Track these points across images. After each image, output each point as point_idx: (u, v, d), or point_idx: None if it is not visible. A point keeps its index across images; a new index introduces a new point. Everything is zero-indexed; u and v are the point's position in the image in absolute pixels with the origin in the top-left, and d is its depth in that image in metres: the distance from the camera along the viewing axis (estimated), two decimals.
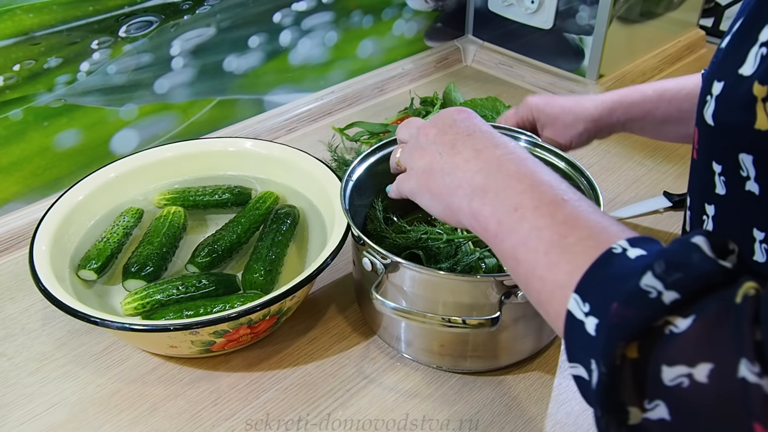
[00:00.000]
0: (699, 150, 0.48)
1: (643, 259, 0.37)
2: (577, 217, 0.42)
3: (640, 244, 0.38)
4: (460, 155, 0.50)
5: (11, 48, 0.76)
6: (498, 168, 0.48)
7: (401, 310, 0.60)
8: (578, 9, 1.10)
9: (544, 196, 0.45)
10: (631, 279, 0.36)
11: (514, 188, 0.46)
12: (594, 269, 0.39)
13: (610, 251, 0.39)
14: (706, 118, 0.45)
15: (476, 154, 0.50)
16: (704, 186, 0.47)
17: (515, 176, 0.47)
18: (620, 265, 0.38)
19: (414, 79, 1.23)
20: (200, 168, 0.87)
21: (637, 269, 0.36)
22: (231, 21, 0.95)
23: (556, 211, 0.43)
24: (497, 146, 0.50)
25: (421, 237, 0.70)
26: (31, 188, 0.85)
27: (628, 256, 0.38)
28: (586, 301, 0.38)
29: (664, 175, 0.97)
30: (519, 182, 0.46)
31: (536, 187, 0.45)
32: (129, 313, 0.69)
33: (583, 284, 0.39)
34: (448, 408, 0.65)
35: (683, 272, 0.34)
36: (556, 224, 0.43)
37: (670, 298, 0.34)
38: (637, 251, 0.38)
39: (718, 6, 1.45)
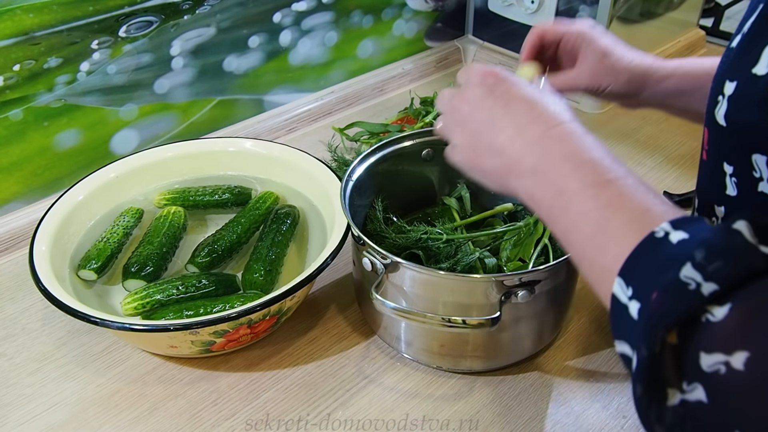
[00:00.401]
0: (709, 151, 0.47)
1: (685, 245, 0.37)
2: (622, 197, 0.42)
3: (683, 227, 0.38)
4: (502, 133, 0.49)
5: (11, 48, 0.76)
6: (543, 149, 0.47)
7: (401, 310, 0.60)
8: (578, 9, 1.10)
9: (587, 178, 0.44)
10: (671, 268, 0.36)
11: (558, 171, 0.46)
12: (636, 254, 0.39)
13: (653, 235, 0.39)
14: (718, 118, 0.44)
15: (518, 132, 0.49)
16: (714, 187, 0.47)
17: (559, 157, 0.46)
18: (662, 251, 0.38)
19: (414, 79, 1.23)
20: (200, 168, 0.87)
21: (678, 257, 0.36)
22: (231, 21, 0.95)
23: (600, 192, 0.43)
24: (537, 120, 0.49)
25: (420, 237, 0.70)
26: (31, 188, 0.85)
27: (670, 241, 0.38)
28: (630, 285, 0.39)
29: (664, 175, 0.97)
30: (563, 163, 0.46)
31: (579, 168, 0.45)
32: (129, 313, 0.69)
33: (626, 268, 0.39)
34: (448, 408, 0.65)
35: (723, 260, 0.35)
36: (601, 208, 0.43)
37: (709, 289, 0.34)
38: (680, 234, 0.38)
39: (718, 6, 1.45)
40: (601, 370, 0.68)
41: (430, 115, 0.98)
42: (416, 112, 1.02)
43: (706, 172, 0.48)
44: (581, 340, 0.72)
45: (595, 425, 0.63)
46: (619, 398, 0.65)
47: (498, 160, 0.50)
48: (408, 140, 0.76)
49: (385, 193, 0.75)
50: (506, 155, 0.49)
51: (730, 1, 1.48)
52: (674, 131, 1.08)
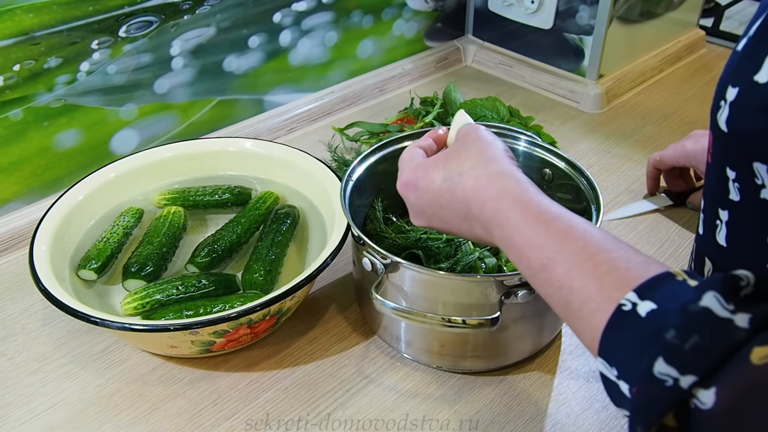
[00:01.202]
0: (713, 155, 0.47)
1: (655, 321, 0.36)
2: (571, 274, 0.42)
3: (650, 295, 0.38)
4: (452, 221, 0.54)
5: (11, 48, 0.76)
6: (495, 222, 0.50)
7: (401, 310, 0.60)
8: (578, 9, 1.10)
9: (533, 258, 0.45)
10: (645, 356, 0.35)
11: (510, 248, 0.48)
12: (609, 332, 0.39)
13: (620, 308, 0.38)
14: (720, 123, 0.43)
15: (463, 222, 0.53)
16: (718, 190, 0.46)
17: (515, 218, 0.48)
18: (633, 328, 0.37)
19: (414, 79, 1.23)
20: (200, 168, 0.87)
21: (650, 338, 0.36)
22: (231, 21, 0.95)
23: (550, 277, 0.44)
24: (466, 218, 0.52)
25: (420, 237, 0.70)
26: (31, 188, 0.85)
27: (638, 314, 0.37)
28: (613, 366, 0.38)
29: None
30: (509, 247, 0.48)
31: (523, 253, 0.47)
32: (129, 313, 0.69)
33: (603, 349, 0.39)
34: (448, 408, 0.65)
35: (696, 350, 0.34)
36: (556, 291, 0.43)
37: (688, 382, 0.34)
38: (648, 306, 0.37)
39: (718, 6, 1.45)
40: None
41: (430, 115, 0.98)
42: (416, 112, 1.02)
43: (711, 175, 0.48)
44: None
45: (595, 425, 0.63)
46: None
47: (458, 232, 0.54)
48: (408, 140, 0.76)
49: (385, 193, 0.75)
50: (465, 234, 0.54)
51: (730, 1, 1.48)
52: (674, 131, 1.08)
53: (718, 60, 1.30)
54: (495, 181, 0.50)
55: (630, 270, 0.40)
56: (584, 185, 0.68)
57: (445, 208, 0.53)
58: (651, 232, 0.86)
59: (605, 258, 0.42)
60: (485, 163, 0.52)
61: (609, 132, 1.07)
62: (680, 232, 0.86)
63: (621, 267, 0.41)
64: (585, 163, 0.97)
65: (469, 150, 0.53)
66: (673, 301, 0.36)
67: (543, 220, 0.46)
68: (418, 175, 0.55)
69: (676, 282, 0.38)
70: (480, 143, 0.54)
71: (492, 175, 0.50)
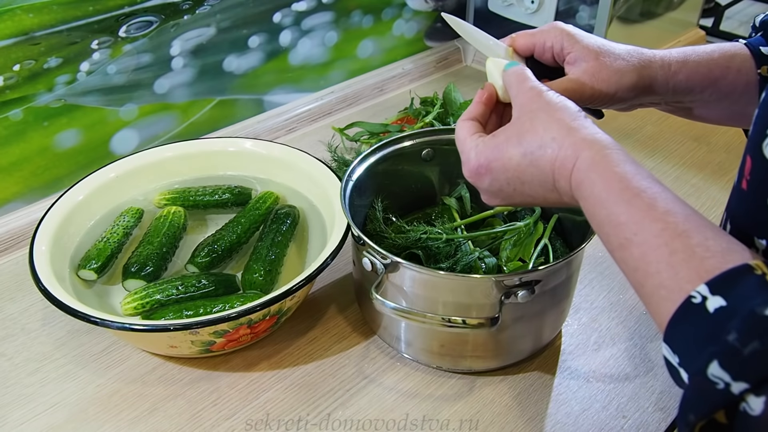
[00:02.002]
0: (751, 182, 0.44)
1: (721, 318, 0.36)
2: (647, 258, 0.41)
3: (721, 290, 0.37)
4: (533, 196, 0.52)
5: (11, 48, 0.76)
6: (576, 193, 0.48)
7: (401, 310, 0.60)
8: (578, 9, 1.10)
9: (612, 235, 0.44)
10: (702, 356, 0.35)
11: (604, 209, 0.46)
12: (675, 321, 0.38)
13: (690, 300, 0.38)
14: (766, 153, 0.41)
15: (545, 193, 0.51)
16: (754, 219, 0.44)
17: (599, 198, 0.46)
18: (699, 321, 0.37)
19: (414, 79, 1.23)
20: (200, 168, 0.87)
21: (712, 336, 0.36)
22: (231, 21, 0.95)
23: (626, 257, 0.43)
24: (553, 189, 0.50)
25: (420, 237, 0.70)
26: (31, 188, 0.85)
27: (707, 309, 0.37)
28: (675, 353, 0.39)
29: (664, 175, 0.97)
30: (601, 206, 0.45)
31: (603, 229, 0.45)
32: (128, 313, 0.69)
33: (669, 335, 0.39)
34: (448, 408, 0.65)
35: (754, 356, 0.33)
36: (631, 271, 0.43)
37: (739, 388, 0.34)
38: (717, 301, 0.37)
39: (718, 6, 1.45)
40: (601, 370, 0.68)
41: (430, 115, 0.98)
42: (416, 112, 1.02)
43: (745, 201, 0.46)
44: (581, 340, 0.72)
45: (595, 425, 0.63)
46: (619, 398, 0.65)
47: (531, 199, 0.52)
48: (408, 140, 0.76)
49: (385, 193, 0.75)
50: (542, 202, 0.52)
51: (730, 1, 1.48)
52: (674, 131, 1.08)
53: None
54: (579, 152, 0.47)
55: (706, 259, 0.38)
56: None
57: (527, 183, 0.51)
58: None
59: (683, 244, 0.40)
60: (567, 133, 0.48)
61: (609, 132, 1.06)
62: None
63: (698, 255, 0.39)
64: None
65: (544, 120, 0.49)
66: (744, 302, 0.35)
67: (625, 197, 0.43)
68: (490, 156, 0.52)
69: (752, 277, 0.36)
70: (552, 109, 0.50)
71: (577, 146, 0.47)
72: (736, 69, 0.58)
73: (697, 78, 0.59)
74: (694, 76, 0.59)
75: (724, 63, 0.59)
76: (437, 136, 0.76)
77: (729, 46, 0.60)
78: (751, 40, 0.60)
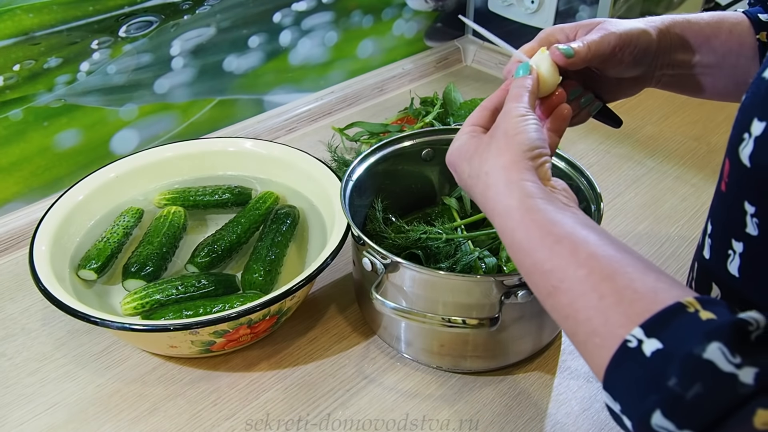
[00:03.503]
0: (729, 184, 0.44)
1: (659, 362, 0.35)
2: (575, 305, 0.40)
3: (656, 332, 0.36)
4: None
5: (11, 48, 0.76)
6: (523, 220, 0.46)
7: (401, 310, 0.60)
8: (578, 9, 1.10)
9: (540, 284, 0.43)
10: (644, 404, 0.34)
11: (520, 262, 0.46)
12: (612, 370, 0.37)
13: (625, 345, 0.37)
14: (742, 157, 0.40)
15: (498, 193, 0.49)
16: (732, 221, 0.43)
17: (537, 231, 0.45)
18: (636, 367, 0.36)
19: (414, 79, 1.23)
20: (200, 168, 0.87)
21: (652, 382, 0.35)
22: (231, 21, 0.95)
23: (555, 304, 0.42)
24: (491, 216, 0.49)
25: (420, 237, 0.70)
26: (31, 188, 0.85)
27: (644, 353, 0.36)
28: (616, 401, 0.38)
29: (664, 175, 0.97)
30: (542, 237, 0.44)
31: (531, 277, 0.44)
32: (128, 312, 0.69)
33: (608, 384, 0.38)
34: (448, 408, 0.65)
35: (697, 402, 0.33)
36: (562, 319, 0.42)
37: None
38: (653, 344, 0.36)
39: (718, 6, 1.45)
40: None
41: (430, 115, 0.98)
42: (416, 112, 1.02)
43: (724, 203, 0.45)
44: None
45: (595, 425, 0.63)
46: None
47: None
48: (408, 140, 0.76)
49: (385, 193, 0.75)
50: None
51: (730, 1, 1.48)
52: (674, 131, 1.08)
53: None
54: (505, 193, 0.47)
55: (636, 302, 0.38)
56: (584, 185, 0.68)
57: (477, 196, 0.51)
58: (650, 232, 0.86)
59: (610, 288, 0.39)
60: (500, 171, 0.48)
61: (609, 132, 1.07)
62: (680, 233, 0.86)
63: (626, 298, 0.38)
64: (585, 163, 0.97)
65: (494, 148, 0.50)
66: (680, 343, 0.35)
67: (547, 243, 0.43)
68: (454, 159, 0.53)
69: (686, 316, 0.36)
70: (504, 139, 0.49)
71: (500, 190, 0.47)
72: (727, 29, 0.58)
73: (690, 33, 0.59)
74: (687, 32, 0.59)
75: (714, 23, 0.59)
76: (437, 136, 0.76)
77: (719, 12, 0.61)
78: (749, 9, 0.60)
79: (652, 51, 0.58)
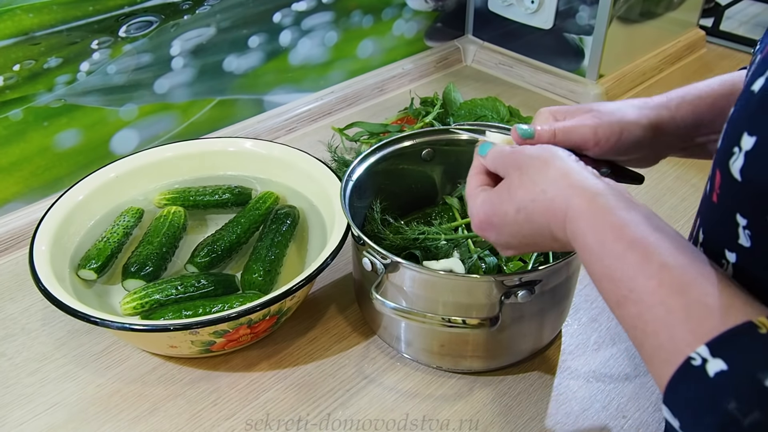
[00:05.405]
0: (720, 196, 0.42)
1: (721, 383, 0.34)
2: (644, 317, 0.39)
3: (722, 352, 0.35)
4: (541, 242, 0.50)
5: (11, 48, 0.76)
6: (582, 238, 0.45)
7: (401, 310, 0.60)
8: (578, 9, 1.10)
9: (608, 296, 0.42)
10: (701, 426, 0.34)
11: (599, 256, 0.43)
12: (675, 383, 0.37)
13: (689, 363, 0.36)
14: (733, 171, 0.39)
15: (550, 241, 0.49)
16: (724, 233, 0.42)
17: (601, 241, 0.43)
18: (697, 387, 0.35)
19: (414, 79, 1.23)
20: (200, 168, 0.87)
21: (713, 404, 0.34)
22: (231, 21, 0.95)
23: (624, 315, 0.41)
24: (555, 239, 0.48)
25: (418, 237, 0.70)
26: (31, 188, 0.85)
27: (707, 373, 0.35)
28: (676, 417, 0.37)
29: (664, 175, 0.97)
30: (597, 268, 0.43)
31: (601, 285, 0.43)
32: (128, 312, 0.69)
33: (668, 398, 0.38)
34: (448, 408, 0.65)
35: (755, 427, 0.32)
36: (630, 329, 0.41)
37: None
38: (718, 365, 0.35)
39: (718, 6, 1.45)
40: (601, 370, 0.68)
41: (430, 115, 0.98)
42: (416, 112, 1.02)
43: (715, 214, 0.44)
44: (581, 340, 0.72)
45: (595, 425, 0.63)
46: (619, 398, 0.65)
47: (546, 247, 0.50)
48: (408, 140, 0.76)
49: (385, 194, 0.75)
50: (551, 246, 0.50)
51: (730, 1, 1.48)
52: None
53: (718, 60, 1.30)
54: (569, 200, 0.45)
55: (705, 318, 0.36)
56: None
57: (529, 236, 0.50)
58: None
59: (680, 302, 0.38)
60: (556, 182, 0.47)
61: None
62: None
63: (696, 314, 0.37)
64: None
65: (534, 172, 0.49)
66: (746, 366, 0.34)
67: (617, 251, 0.41)
68: (489, 212, 0.51)
69: (755, 336, 0.35)
70: (540, 160, 0.49)
71: (566, 194, 0.46)
72: None
73: (702, 108, 0.56)
74: (699, 107, 0.56)
75: (726, 92, 0.57)
76: (437, 136, 0.76)
77: (727, 76, 0.58)
78: None
79: (646, 141, 0.56)
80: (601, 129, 0.54)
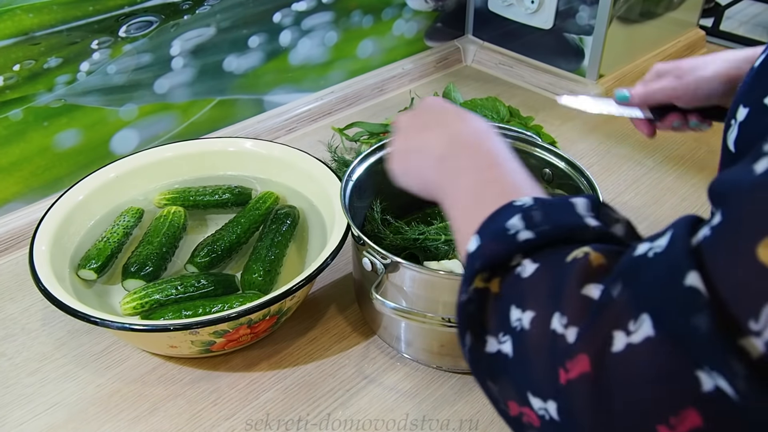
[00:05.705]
0: (721, 169, 0.45)
1: (530, 205, 0.40)
2: (504, 177, 0.45)
3: (543, 203, 0.40)
4: (429, 132, 0.54)
5: (11, 48, 0.76)
6: (457, 139, 0.51)
7: (401, 310, 0.60)
8: (578, 9, 1.10)
9: (483, 161, 0.48)
10: (506, 220, 0.39)
11: (463, 155, 0.49)
12: (493, 215, 0.41)
13: (512, 203, 0.41)
14: (729, 143, 0.41)
15: (442, 129, 0.53)
16: None
17: (468, 145, 0.50)
18: (513, 212, 0.40)
19: (414, 79, 1.23)
20: (200, 168, 0.87)
21: (516, 210, 0.39)
22: (231, 21, 0.95)
23: (489, 171, 0.47)
24: (463, 120, 0.53)
25: (418, 237, 0.70)
26: (31, 188, 0.85)
27: (523, 207, 0.40)
28: (480, 238, 0.41)
29: (664, 175, 0.97)
30: (465, 150, 0.50)
31: (479, 153, 0.49)
32: (128, 312, 0.69)
33: (482, 227, 0.41)
34: (448, 408, 0.65)
35: (545, 218, 0.38)
36: (483, 182, 0.46)
37: (524, 236, 0.37)
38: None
39: (718, 6, 1.46)
40: None
41: None
42: None
43: None
44: None
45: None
46: None
47: (419, 155, 0.54)
48: None
49: (385, 194, 0.75)
50: (425, 150, 0.54)
51: (730, 1, 1.48)
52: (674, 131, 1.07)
53: None
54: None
55: (536, 191, 0.44)
56: (584, 185, 0.68)
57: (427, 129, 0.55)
58: (650, 232, 0.86)
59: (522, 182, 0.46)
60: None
61: (609, 132, 1.07)
62: None
63: (529, 189, 0.44)
64: (585, 163, 0.97)
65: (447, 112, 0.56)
66: (542, 202, 0.40)
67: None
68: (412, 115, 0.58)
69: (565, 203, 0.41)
70: None
71: None
72: None
73: (733, 68, 0.63)
74: (731, 65, 0.63)
75: None
76: None
77: None
78: None
79: (721, 92, 0.64)
80: (680, 88, 0.65)
